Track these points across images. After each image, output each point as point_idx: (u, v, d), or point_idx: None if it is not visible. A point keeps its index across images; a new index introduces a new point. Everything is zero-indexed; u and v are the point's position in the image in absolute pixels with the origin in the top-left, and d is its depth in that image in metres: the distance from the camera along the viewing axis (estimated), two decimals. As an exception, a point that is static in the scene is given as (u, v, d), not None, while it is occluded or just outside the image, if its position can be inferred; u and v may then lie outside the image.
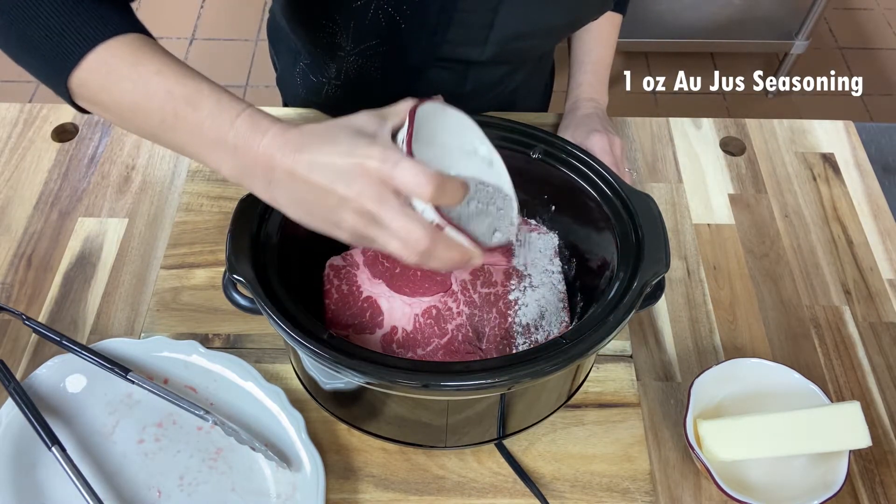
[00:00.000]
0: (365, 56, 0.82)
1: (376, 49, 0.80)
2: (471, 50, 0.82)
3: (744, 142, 0.95)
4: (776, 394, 0.68)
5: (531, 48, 0.89)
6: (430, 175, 0.45)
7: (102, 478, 0.64)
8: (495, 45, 0.81)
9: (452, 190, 0.47)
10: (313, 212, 0.49)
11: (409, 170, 0.46)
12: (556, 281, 0.69)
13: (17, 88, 2.18)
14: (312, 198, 0.48)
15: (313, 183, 0.47)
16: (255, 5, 2.43)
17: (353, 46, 0.81)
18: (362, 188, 0.46)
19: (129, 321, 0.76)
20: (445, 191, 0.46)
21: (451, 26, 0.77)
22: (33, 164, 0.90)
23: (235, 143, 0.50)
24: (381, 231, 0.48)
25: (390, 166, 0.46)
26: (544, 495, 0.65)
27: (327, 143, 0.48)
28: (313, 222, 0.50)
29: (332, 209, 0.48)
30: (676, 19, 2.09)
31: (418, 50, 0.80)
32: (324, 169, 0.47)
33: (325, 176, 0.47)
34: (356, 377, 0.54)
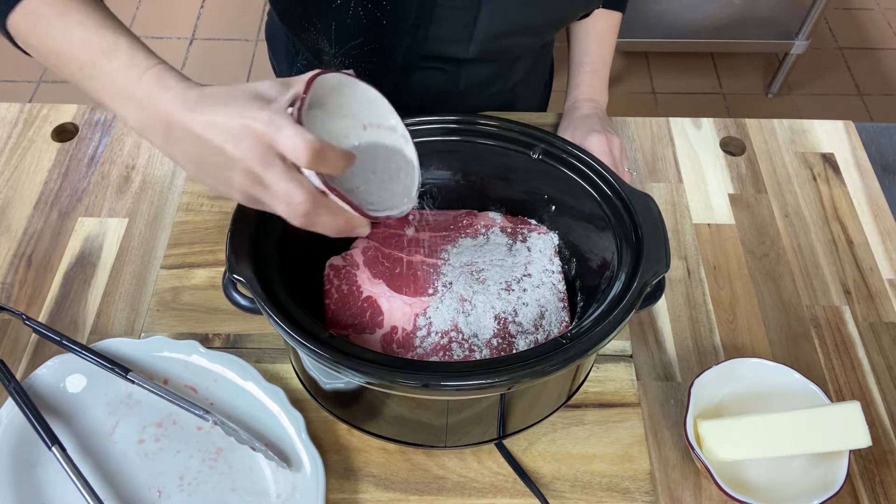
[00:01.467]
0: (350, 56, 0.81)
1: (360, 48, 0.80)
2: (456, 47, 0.82)
3: (744, 142, 0.95)
4: (776, 394, 0.68)
5: (519, 46, 0.88)
6: (309, 142, 0.46)
7: (102, 478, 0.64)
8: (480, 42, 0.81)
9: (332, 159, 0.48)
10: (206, 170, 0.51)
11: (289, 135, 0.47)
12: (556, 281, 0.69)
13: (17, 88, 2.18)
14: (205, 156, 0.50)
15: (206, 141, 0.49)
16: (255, 5, 2.43)
17: (337, 48, 0.81)
18: (248, 150, 0.48)
19: (129, 321, 0.77)
20: (324, 158, 0.47)
21: (433, 22, 0.77)
22: (33, 164, 0.90)
23: (141, 96, 0.51)
24: (267, 192, 0.49)
25: (274, 130, 0.47)
26: (544, 495, 0.65)
27: (223, 104, 0.49)
28: (206, 180, 0.52)
29: (223, 168, 0.50)
30: (676, 19, 2.09)
31: (402, 48, 0.80)
32: (216, 128, 0.49)
33: (216, 135, 0.49)
34: (356, 377, 0.54)
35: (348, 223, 0.52)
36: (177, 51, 2.27)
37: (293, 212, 0.49)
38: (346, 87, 0.54)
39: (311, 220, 0.50)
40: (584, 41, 0.92)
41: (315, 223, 0.50)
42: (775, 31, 2.09)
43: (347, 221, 0.51)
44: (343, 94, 0.55)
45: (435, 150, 0.71)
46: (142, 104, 0.52)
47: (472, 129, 0.71)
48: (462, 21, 0.78)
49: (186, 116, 0.50)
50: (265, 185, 0.49)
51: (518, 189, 0.73)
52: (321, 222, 0.50)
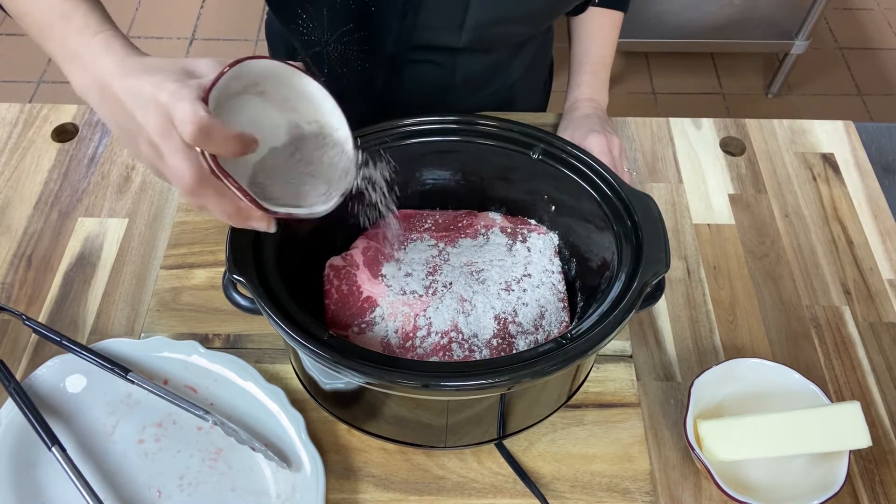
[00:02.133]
0: (342, 43, 0.81)
1: (352, 35, 0.80)
2: (447, 35, 0.81)
3: (744, 142, 0.95)
4: (776, 394, 0.68)
5: (513, 34, 0.88)
6: (197, 117, 0.46)
7: (102, 478, 0.64)
8: (472, 30, 0.80)
9: (220, 139, 0.47)
10: (125, 136, 0.52)
11: (182, 108, 0.46)
12: (555, 281, 0.69)
13: (17, 88, 2.18)
14: (123, 121, 0.51)
15: (124, 106, 0.50)
16: (255, 5, 2.43)
17: (329, 35, 0.81)
18: (151, 118, 0.48)
19: (129, 321, 0.77)
20: (210, 136, 0.47)
21: (422, 9, 0.77)
22: (33, 164, 0.90)
23: (86, 59, 0.53)
24: (165, 165, 0.50)
25: (173, 101, 0.47)
26: (544, 495, 0.65)
27: (149, 73, 0.50)
28: (126, 146, 0.53)
29: (134, 135, 0.50)
30: (676, 19, 2.09)
31: (392, 35, 0.80)
32: (133, 94, 0.49)
33: (132, 101, 0.49)
34: (356, 377, 0.54)
35: (239, 212, 0.51)
36: (177, 51, 2.27)
37: (181, 187, 0.49)
38: (290, 78, 0.54)
39: (198, 199, 0.50)
40: (584, 41, 0.92)
41: (202, 204, 0.50)
42: (775, 31, 2.09)
43: (237, 209, 0.51)
44: (286, 84, 0.54)
45: (435, 150, 0.71)
46: (86, 66, 0.53)
47: (472, 129, 0.71)
48: (453, 8, 0.78)
49: (117, 81, 0.50)
50: (162, 156, 0.49)
51: (518, 189, 0.73)
52: (208, 204, 0.50)
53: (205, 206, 0.50)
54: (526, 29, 0.88)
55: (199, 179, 0.48)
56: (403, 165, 0.72)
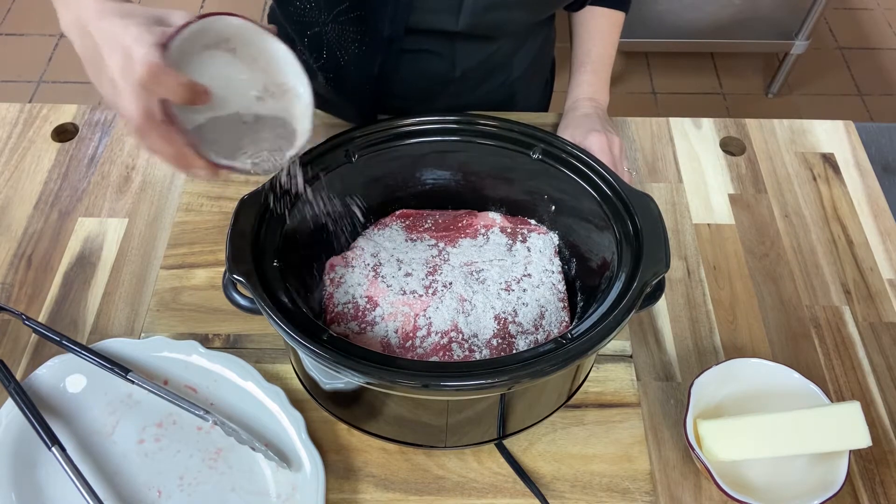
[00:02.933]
0: (339, 23, 0.81)
1: (347, 14, 0.80)
2: (444, 18, 0.81)
3: (744, 142, 0.95)
4: (776, 394, 0.68)
5: (512, 21, 0.87)
6: (149, 61, 0.49)
7: (102, 478, 0.64)
8: (470, 13, 0.80)
9: (171, 84, 0.50)
10: (92, 71, 0.54)
11: (138, 51, 0.49)
12: (555, 281, 0.69)
13: (17, 88, 2.18)
14: (93, 58, 0.54)
15: (96, 46, 0.53)
16: (255, 5, 2.42)
17: (326, 15, 0.81)
18: (114, 58, 0.51)
19: (129, 321, 0.76)
20: (160, 81, 0.49)
21: None
22: (33, 164, 0.90)
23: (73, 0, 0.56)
24: (119, 103, 0.52)
25: (135, 45, 0.50)
26: (544, 495, 0.65)
27: (123, 16, 0.52)
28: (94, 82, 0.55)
29: (100, 72, 0.53)
30: (676, 19, 2.09)
31: (388, 15, 0.80)
32: (104, 35, 0.52)
33: (102, 40, 0.52)
34: (356, 377, 0.54)
35: (182, 156, 0.53)
36: (177, 51, 2.27)
37: (130, 125, 0.52)
38: (260, 40, 0.55)
39: (144, 140, 0.52)
40: (586, 41, 0.92)
41: (148, 145, 0.53)
42: (775, 31, 2.09)
43: (180, 154, 0.53)
44: (256, 46, 0.55)
45: (435, 150, 0.71)
46: (69, 5, 0.55)
47: (472, 129, 0.71)
48: None
49: (93, 21, 0.53)
50: (119, 94, 0.51)
51: (518, 189, 0.73)
52: (153, 145, 0.52)
53: (150, 148, 0.53)
54: (524, 15, 0.87)
55: (147, 119, 0.51)
56: (403, 165, 0.73)
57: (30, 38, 2.31)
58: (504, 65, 0.94)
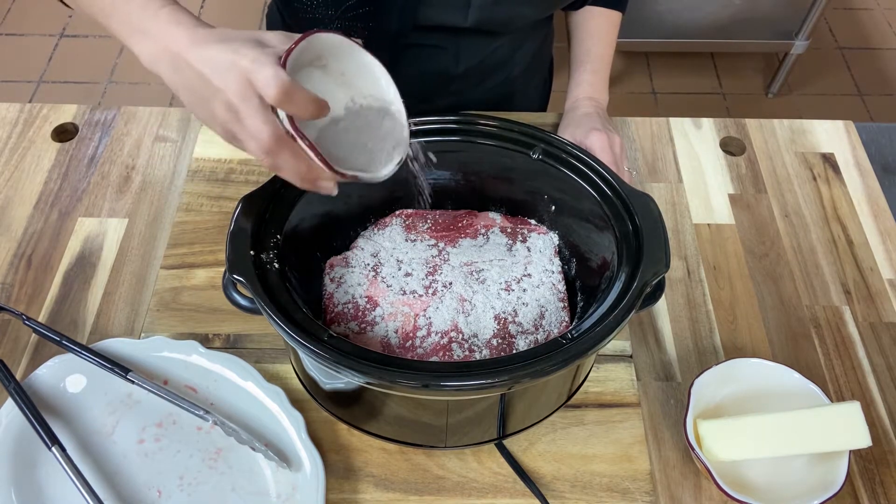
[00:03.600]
0: (346, 19, 0.81)
1: (356, 10, 0.80)
2: (453, 14, 0.81)
3: (744, 142, 0.95)
4: (776, 394, 0.68)
5: (519, 17, 0.88)
6: (281, 80, 0.49)
7: (102, 478, 0.64)
8: (479, 8, 0.80)
9: (302, 101, 0.50)
10: (197, 101, 0.54)
11: (266, 72, 0.50)
12: (556, 281, 0.69)
13: (17, 88, 2.18)
14: (197, 87, 0.53)
15: (200, 73, 0.53)
16: (255, 5, 2.43)
17: (334, 11, 0.81)
18: (230, 82, 0.51)
19: (129, 321, 0.77)
20: (293, 99, 0.50)
21: None
22: (33, 164, 0.90)
23: (154, 31, 0.56)
24: (241, 128, 0.52)
25: (256, 67, 0.50)
26: (544, 495, 0.65)
27: (223, 41, 0.53)
28: (198, 112, 0.55)
29: (209, 100, 0.53)
30: (676, 19, 2.09)
31: (397, 12, 0.80)
32: (210, 61, 0.52)
33: (208, 67, 0.52)
34: (356, 377, 0.54)
35: (310, 171, 0.54)
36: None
37: (259, 147, 0.52)
38: (350, 53, 0.56)
39: (275, 159, 0.52)
40: (584, 41, 0.92)
41: (278, 164, 0.53)
42: (775, 31, 2.09)
43: (310, 169, 0.53)
44: (345, 59, 0.57)
45: (435, 150, 0.71)
46: (154, 38, 0.56)
47: (472, 129, 0.71)
48: None
49: (190, 50, 0.53)
50: (240, 119, 0.52)
51: (518, 189, 0.73)
52: (283, 163, 0.53)
53: (279, 166, 0.53)
54: (532, 11, 0.88)
55: (277, 139, 0.51)
56: (403, 165, 0.72)
57: (30, 38, 2.31)
58: (504, 62, 0.94)
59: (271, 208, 0.63)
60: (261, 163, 0.53)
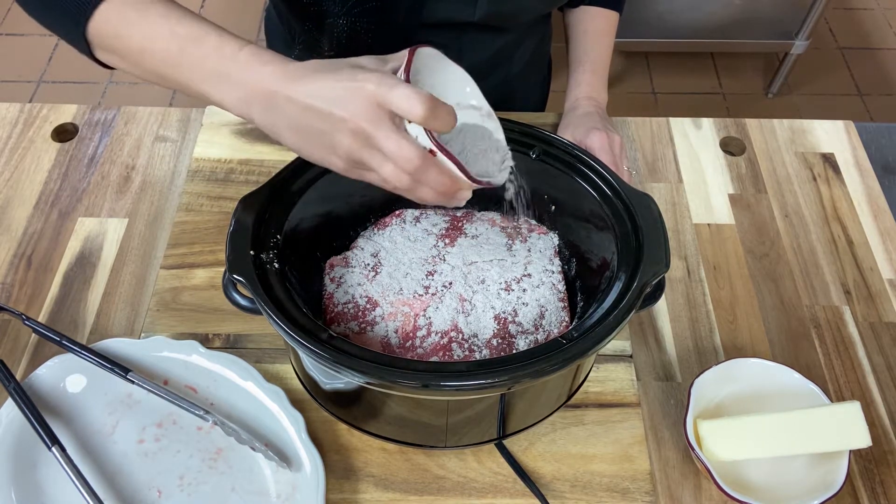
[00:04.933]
0: (353, 15, 0.81)
1: (363, 6, 0.80)
2: (461, 8, 0.81)
3: (744, 142, 0.95)
4: (776, 394, 0.68)
5: (526, 10, 0.88)
6: (424, 96, 0.48)
7: (102, 478, 0.64)
8: (487, 2, 0.80)
9: (444, 114, 0.49)
10: (310, 138, 0.52)
11: (403, 91, 0.48)
12: (556, 281, 0.69)
13: (17, 88, 2.18)
14: (310, 122, 0.51)
15: (312, 107, 0.50)
16: (255, 5, 2.43)
17: (340, 6, 0.81)
18: (358, 109, 0.49)
19: (129, 321, 0.77)
20: (437, 114, 0.48)
21: None
22: (33, 164, 0.90)
23: (238, 74, 0.53)
24: (375, 153, 0.50)
25: (386, 89, 0.48)
26: (544, 495, 0.65)
27: (328, 72, 0.50)
28: (310, 149, 0.53)
29: (329, 133, 0.50)
30: (676, 19, 2.09)
31: (404, 7, 0.80)
32: (323, 94, 0.50)
33: (323, 101, 0.50)
34: (356, 377, 0.54)
35: (454, 184, 0.52)
36: (177, 51, 2.27)
37: (402, 169, 0.50)
38: (437, 63, 0.56)
39: (419, 177, 0.50)
40: (582, 41, 0.92)
41: (422, 181, 0.51)
42: (775, 31, 2.09)
43: (453, 182, 0.52)
44: (433, 70, 0.56)
45: (435, 150, 0.71)
46: (239, 81, 0.53)
47: (472, 129, 0.71)
48: None
49: (290, 86, 0.51)
50: (374, 144, 0.49)
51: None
52: (428, 181, 0.51)
53: (421, 184, 0.51)
54: (540, 4, 0.88)
55: (423, 158, 0.50)
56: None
57: (30, 38, 2.31)
58: (504, 61, 0.94)
59: (271, 208, 0.63)
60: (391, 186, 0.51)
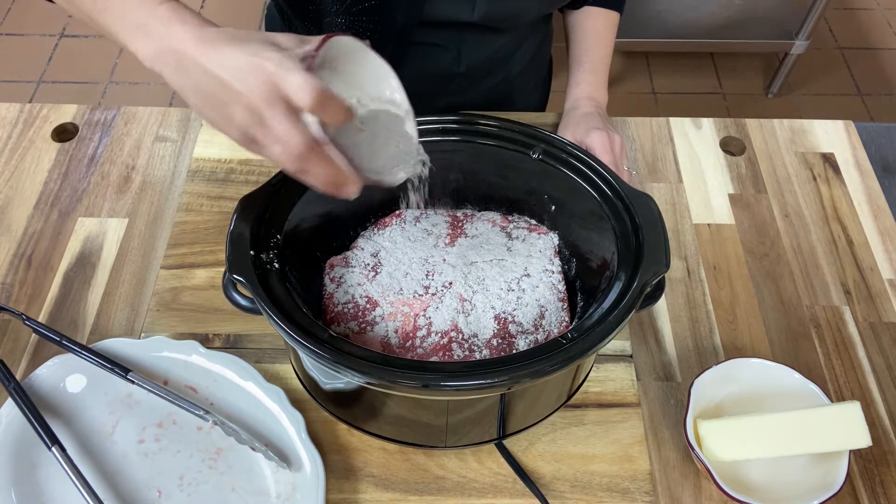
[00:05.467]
0: (352, 14, 0.81)
1: (361, 4, 0.80)
2: (460, 8, 0.81)
3: (744, 142, 0.95)
4: (776, 394, 0.68)
5: (525, 11, 0.88)
6: (315, 86, 0.48)
7: (102, 478, 0.64)
8: (486, 2, 0.80)
9: (334, 107, 0.49)
10: (210, 104, 0.52)
11: (297, 77, 0.48)
12: (555, 281, 0.69)
13: (17, 88, 2.18)
14: (211, 90, 0.51)
15: (214, 75, 0.50)
16: (255, 5, 2.43)
17: (339, 5, 0.81)
18: (255, 86, 0.49)
19: (129, 321, 0.77)
20: (326, 106, 0.48)
21: None
22: (33, 164, 0.90)
23: (155, 28, 0.53)
24: (265, 133, 0.50)
25: (283, 71, 0.48)
26: (544, 495, 0.65)
27: (239, 42, 0.50)
28: (210, 114, 0.53)
29: (226, 103, 0.50)
30: (676, 19, 2.09)
31: (404, 6, 0.80)
32: (227, 63, 0.50)
33: (225, 70, 0.50)
34: (356, 377, 0.54)
35: (338, 176, 0.52)
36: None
37: (288, 153, 0.50)
38: (359, 55, 0.56)
39: (303, 165, 0.51)
40: (582, 41, 0.92)
41: (306, 169, 0.51)
42: (775, 31, 2.09)
43: (337, 174, 0.52)
44: (355, 61, 0.56)
45: (435, 150, 0.71)
46: (155, 36, 0.53)
47: (472, 129, 0.71)
48: None
49: (200, 49, 0.50)
50: (265, 123, 0.50)
51: (518, 189, 0.73)
52: (312, 170, 0.51)
53: (305, 171, 0.51)
54: (539, 5, 0.88)
55: (308, 145, 0.50)
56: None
57: (30, 38, 2.31)
58: (504, 62, 0.94)
59: (271, 208, 0.63)
60: (280, 166, 0.52)
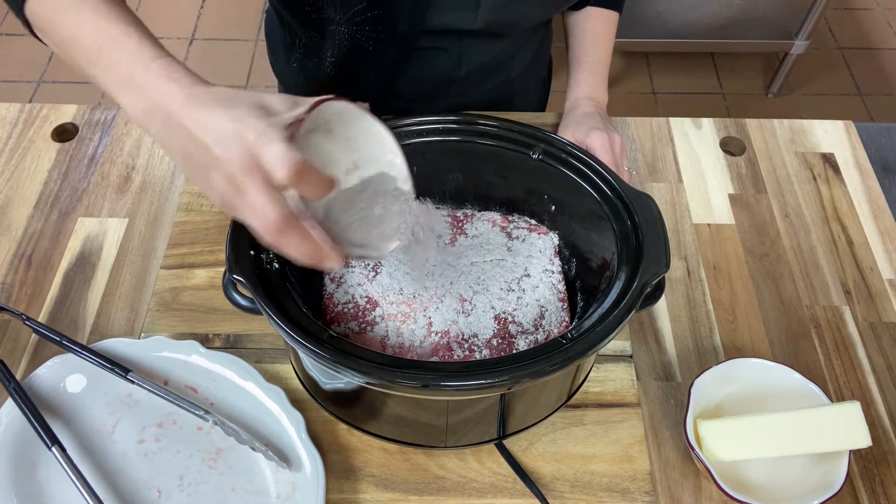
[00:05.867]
0: (354, 23, 0.81)
1: (365, 14, 0.80)
2: (462, 16, 0.81)
3: (744, 142, 0.95)
4: (776, 394, 0.68)
5: (526, 17, 0.88)
6: (291, 159, 0.45)
7: (102, 478, 0.64)
8: (489, 9, 0.80)
9: (313, 182, 0.47)
10: (192, 166, 0.51)
11: (275, 149, 0.46)
12: (556, 281, 0.69)
13: (17, 88, 2.18)
14: (193, 152, 0.49)
15: (197, 138, 0.48)
16: (255, 5, 2.43)
17: (341, 15, 0.80)
18: (234, 155, 0.47)
19: (129, 321, 0.77)
20: (304, 179, 0.46)
21: None
22: (33, 164, 0.90)
23: (144, 84, 0.52)
24: (243, 202, 0.48)
25: (263, 141, 0.46)
26: (544, 495, 0.65)
27: (224, 105, 0.49)
28: (192, 176, 0.52)
29: (208, 168, 0.49)
30: (676, 19, 2.09)
31: (406, 15, 0.80)
32: (210, 127, 0.48)
33: (208, 134, 0.48)
34: (356, 377, 0.54)
35: (317, 252, 0.50)
36: (177, 51, 2.27)
37: (263, 226, 0.48)
38: (355, 119, 0.54)
39: (280, 239, 0.48)
40: (582, 41, 0.92)
41: (283, 244, 0.49)
42: (775, 31, 2.09)
43: (314, 250, 0.50)
44: (351, 124, 0.54)
45: (435, 150, 0.71)
46: (144, 92, 0.52)
47: (472, 129, 0.71)
48: None
49: (186, 110, 0.49)
50: (242, 193, 0.48)
51: (518, 189, 0.73)
52: (289, 244, 0.49)
53: (283, 245, 0.49)
54: (540, 11, 0.88)
55: (284, 219, 0.47)
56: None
57: (30, 38, 2.30)
58: (505, 64, 0.94)
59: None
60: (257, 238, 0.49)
